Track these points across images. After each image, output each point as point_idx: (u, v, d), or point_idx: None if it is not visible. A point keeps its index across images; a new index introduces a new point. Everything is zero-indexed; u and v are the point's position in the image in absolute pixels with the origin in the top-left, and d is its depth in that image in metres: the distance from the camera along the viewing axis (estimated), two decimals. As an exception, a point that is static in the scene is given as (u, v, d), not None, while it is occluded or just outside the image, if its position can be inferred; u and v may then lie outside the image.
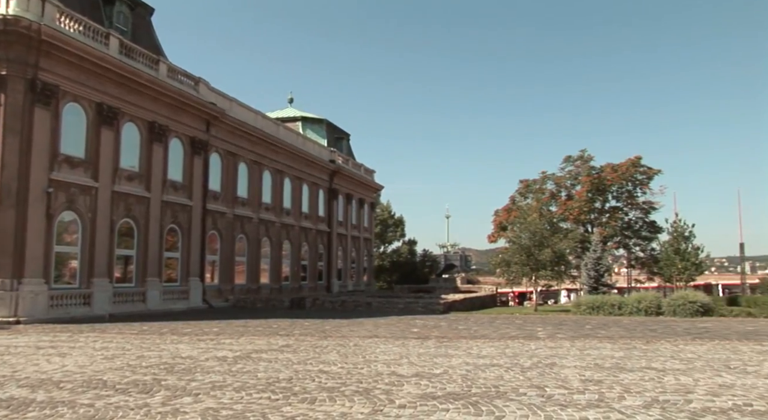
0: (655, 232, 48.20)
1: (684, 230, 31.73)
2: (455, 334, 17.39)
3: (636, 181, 49.91)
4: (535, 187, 51.60)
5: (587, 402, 7.62)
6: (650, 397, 7.96)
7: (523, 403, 7.52)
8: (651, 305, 25.53)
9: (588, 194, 48.41)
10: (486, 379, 9.34)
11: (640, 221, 50.56)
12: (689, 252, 31.32)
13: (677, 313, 24.66)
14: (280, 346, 13.85)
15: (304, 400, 7.77)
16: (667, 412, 7.08)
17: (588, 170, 49.61)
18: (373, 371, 10.18)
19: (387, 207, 67.55)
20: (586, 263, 32.93)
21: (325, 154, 44.61)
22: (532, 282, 32.45)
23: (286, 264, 39.09)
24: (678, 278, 31.49)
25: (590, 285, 31.90)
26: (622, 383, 8.99)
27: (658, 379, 9.40)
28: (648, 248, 49.58)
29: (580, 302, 28.27)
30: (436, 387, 8.69)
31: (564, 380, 9.25)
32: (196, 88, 29.81)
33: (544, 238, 30.87)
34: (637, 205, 50.47)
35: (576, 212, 47.68)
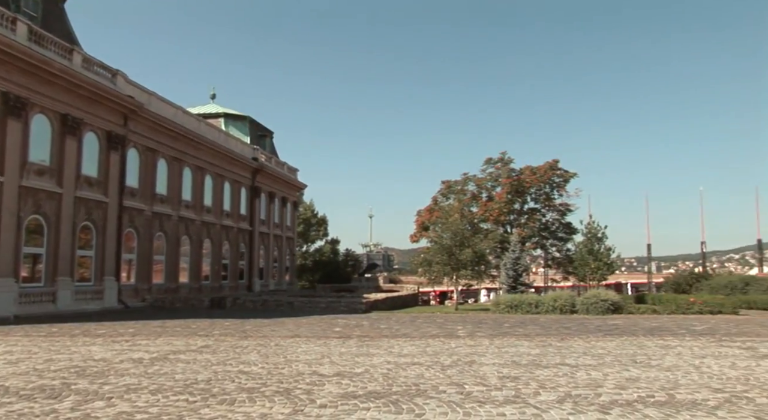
0: (571, 233, 49.95)
1: (597, 232, 32.97)
2: (377, 333, 17.48)
3: (553, 183, 51.62)
4: (456, 188, 52.54)
5: (504, 398, 7.82)
6: (563, 392, 8.25)
7: (443, 401, 7.64)
8: (566, 304, 26.39)
9: (508, 196, 49.71)
10: (407, 378, 9.43)
11: (557, 223, 52.34)
12: (602, 252, 32.56)
13: (590, 311, 25.62)
14: (199, 347, 13.53)
15: (223, 401, 7.62)
16: (579, 405, 7.35)
17: (508, 172, 50.94)
18: (294, 371, 10.10)
19: (310, 206, 67.17)
20: (505, 263, 33.78)
21: (247, 152, 43.93)
22: (453, 281, 32.99)
23: (207, 263, 38.25)
24: (591, 277, 32.69)
25: (509, 284, 32.75)
26: (537, 379, 9.27)
27: (571, 374, 9.76)
28: (564, 249, 51.35)
29: (499, 301, 28.95)
30: (357, 386, 8.71)
31: (483, 377, 9.46)
32: (113, 81, 28.73)
33: (465, 239, 31.44)
34: (554, 207, 52.24)
35: (496, 213, 48.87)
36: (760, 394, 8.08)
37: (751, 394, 8.09)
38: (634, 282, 66.61)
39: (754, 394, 8.04)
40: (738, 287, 33.25)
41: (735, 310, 25.88)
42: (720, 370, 10.12)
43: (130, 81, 30.26)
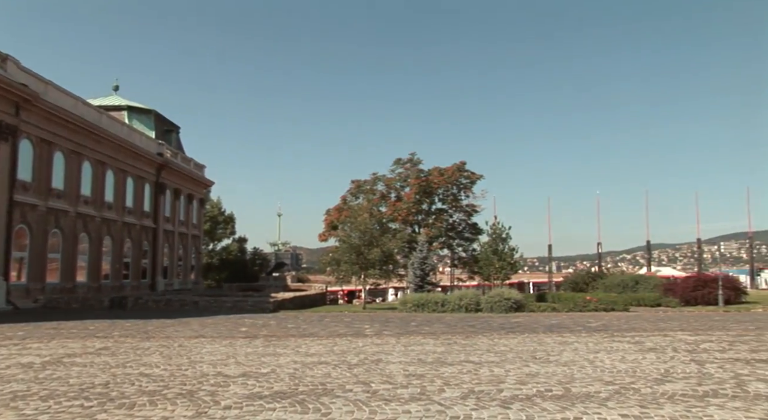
0: (476, 234, 51.23)
1: (502, 232, 33.92)
2: (284, 332, 17.32)
3: (460, 185, 52.80)
4: (366, 188, 52.81)
5: (410, 396, 7.94)
6: (467, 388, 8.48)
7: (350, 400, 7.67)
8: (471, 302, 27.03)
9: (416, 196, 50.43)
10: (314, 377, 9.41)
11: (463, 223, 53.57)
12: (506, 253, 33.52)
13: (494, 310, 26.37)
14: (97, 349, 12.97)
15: (122, 405, 7.34)
16: (482, 401, 7.58)
17: (417, 173, 51.67)
18: (198, 372, 9.87)
19: (217, 203, 65.62)
20: (412, 262, 34.22)
21: (152, 147, 42.42)
22: (361, 280, 33.14)
23: (107, 261, 36.65)
24: (495, 277, 33.61)
25: (416, 283, 33.19)
26: (442, 376, 9.47)
27: (475, 371, 10.03)
28: (469, 249, 52.59)
29: (406, 300, 29.29)
30: (264, 386, 8.61)
31: (389, 376, 9.57)
32: (3, 66, 27.02)
33: (373, 238, 31.66)
34: (461, 208, 53.44)
35: (404, 213, 49.47)
36: (644, 385, 8.61)
37: (637, 385, 8.61)
38: (536, 281, 69.08)
39: (639, 385, 8.56)
40: (629, 286, 35.16)
41: (626, 307, 27.36)
42: (611, 364, 10.69)
43: (23, 68, 28.54)
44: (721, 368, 10.12)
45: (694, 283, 31.14)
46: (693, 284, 30.85)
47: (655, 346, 13.34)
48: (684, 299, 29.45)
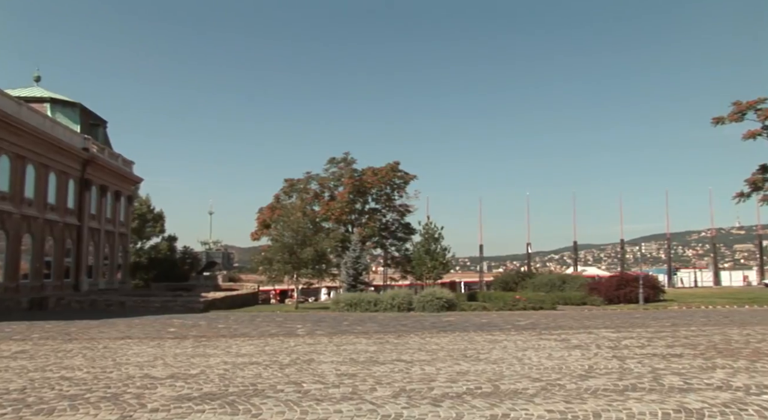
0: (409, 234, 51.60)
1: (434, 232, 34.28)
2: (214, 332, 17.02)
3: (394, 185, 53.07)
4: (299, 187, 52.43)
5: (342, 395, 7.94)
6: (399, 387, 8.54)
7: (281, 400, 7.61)
8: (403, 302, 27.24)
9: (350, 196, 50.40)
10: (244, 378, 9.28)
11: (397, 223, 53.86)
12: (438, 252, 33.89)
13: (426, 309, 26.65)
14: (13, 353, 12.40)
15: (39, 411, 7.04)
16: (413, 399, 7.65)
17: (350, 173, 51.64)
18: (124, 375, 9.58)
19: (146, 201, 63.74)
20: (345, 262, 34.20)
21: (77, 141, 40.79)
22: (293, 280, 32.91)
23: (26, 260, 35.02)
24: (428, 276, 33.95)
25: (349, 283, 33.19)
26: (374, 376, 9.51)
27: (406, 370, 10.12)
28: (402, 248, 52.93)
29: (339, 299, 29.27)
30: (192, 388, 8.43)
31: (321, 375, 9.54)
32: None
33: (306, 237, 31.49)
34: (394, 208, 53.72)
35: (338, 213, 49.36)
36: (569, 381, 8.89)
37: (562, 381, 8.88)
38: (467, 280, 70.10)
39: (565, 382, 8.83)
40: (556, 285, 36.18)
41: (554, 305, 28.15)
42: (539, 361, 10.98)
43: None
44: (640, 363, 10.56)
45: (617, 282, 32.33)
46: (616, 283, 32.02)
47: (580, 344, 13.79)
48: (608, 298, 30.52)
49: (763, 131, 52.71)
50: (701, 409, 6.94)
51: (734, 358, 11.18)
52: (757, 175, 54.18)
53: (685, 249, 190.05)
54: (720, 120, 54.11)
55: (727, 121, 53.68)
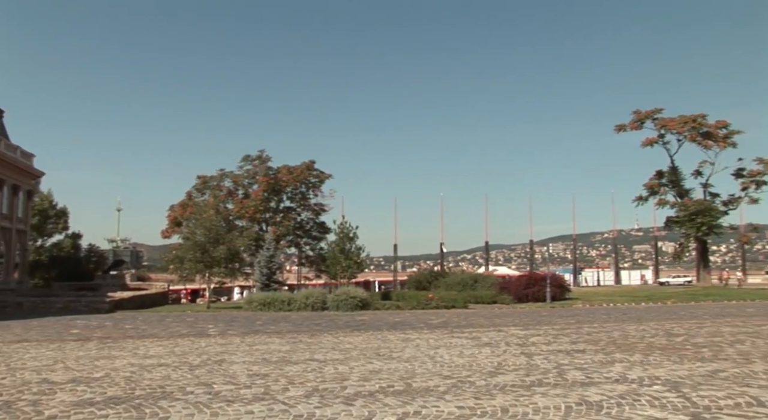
0: (324, 233, 51.51)
1: (349, 232, 34.36)
2: (121, 334, 16.42)
3: (309, 183, 52.85)
4: (213, 184, 51.32)
5: (253, 396, 7.83)
6: (311, 386, 8.51)
7: (190, 402, 7.42)
8: (317, 301, 27.18)
9: (264, 194, 49.78)
10: (152, 380, 9.00)
11: (311, 222, 53.66)
12: (353, 251, 34.00)
13: (340, 308, 26.69)
14: None
15: (-75, 419, 6.58)
16: (325, 399, 7.64)
17: (265, 171, 51.02)
18: (19, 380, 9.07)
19: (48, 196, 60.56)
20: (259, 261, 33.76)
21: (-30, 132, 38.31)
22: (205, 279, 32.18)
23: None
24: (342, 275, 34.00)
25: (263, 282, 32.79)
26: (287, 375, 9.43)
27: (320, 369, 10.09)
28: (317, 247, 52.77)
29: (252, 299, 28.89)
30: (96, 392, 8.10)
31: (232, 376, 9.38)
32: None
33: (219, 235, 30.89)
34: (309, 207, 53.52)
35: (252, 211, 48.66)
36: (479, 378, 9.12)
37: (473, 378, 9.10)
38: (381, 280, 70.64)
39: (475, 378, 9.06)
40: (468, 284, 37.04)
41: (465, 304, 28.81)
42: (450, 359, 11.21)
43: None
44: (546, 359, 10.97)
45: (526, 281, 33.46)
46: (525, 282, 33.14)
47: (490, 341, 14.18)
48: (517, 296, 31.53)
49: (660, 139, 56.10)
50: (600, 402, 7.29)
51: (631, 352, 11.80)
52: (654, 180, 57.55)
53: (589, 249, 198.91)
54: (622, 127, 57.15)
55: (628, 128, 56.77)
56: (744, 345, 12.81)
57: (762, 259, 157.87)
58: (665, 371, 9.50)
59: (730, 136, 54.20)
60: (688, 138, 54.59)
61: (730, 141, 54.05)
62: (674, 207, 55.80)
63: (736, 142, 54.11)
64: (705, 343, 13.14)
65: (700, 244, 55.28)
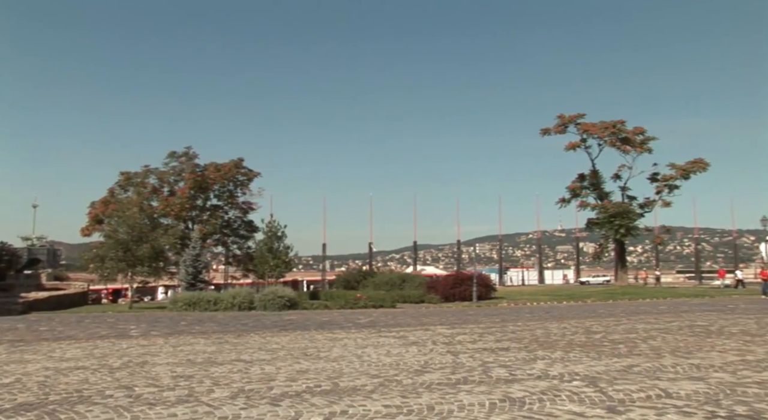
0: (252, 232, 50.79)
1: (277, 230, 34.04)
2: (35, 336, 15.71)
3: (237, 181, 52.01)
4: (136, 181, 49.73)
5: (177, 398, 7.65)
6: (237, 387, 8.38)
7: (109, 406, 7.18)
8: (244, 300, 26.80)
9: (191, 191, 48.64)
10: (68, 384, 8.66)
11: (239, 220, 52.82)
12: (281, 251, 33.71)
13: (267, 308, 26.39)
14: None
15: None
16: (251, 400, 7.54)
17: (192, 168, 49.85)
18: None
19: (-45, 191, 57.39)
20: (185, 260, 32.97)
21: None
22: (128, 278, 31.19)
23: None
24: (270, 275, 33.65)
25: (188, 281, 32.04)
26: (212, 377, 9.26)
27: (246, 370, 9.96)
28: (245, 246, 52.00)
29: (177, 299, 28.22)
30: (5, 399, 7.72)
31: (155, 378, 9.13)
32: None
33: (143, 234, 30.00)
34: (237, 205, 52.65)
35: (178, 209, 47.44)
36: (406, 376, 9.22)
37: (399, 377, 9.19)
38: (309, 279, 70.23)
39: (401, 377, 9.14)
40: (397, 284, 37.28)
41: (393, 304, 29.00)
42: (378, 358, 11.28)
43: None
44: (472, 358, 11.19)
45: (453, 281, 33.97)
46: (452, 282, 33.64)
47: (418, 340, 14.34)
48: (444, 296, 31.96)
49: (582, 143, 58.16)
50: (523, 398, 7.49)
51: (552, 349, 12.18)
52: (576, 183, 59.58)
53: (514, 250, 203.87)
54: (547, 131, 58.89)
55: (552, 132, 58.58)
56: (656, 341, 13.44)
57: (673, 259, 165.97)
58: (584, 367, 9.85)
59: (646, 142, 56.84)
60: (608, 143, 56.82)
61: (646, 147, 56.68)
62: (595, 209, 57.91)
63: (652, 148, 56.83)
64: (621, 340, 13.70)
65: (618, 245, 57.60)
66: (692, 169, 56.14)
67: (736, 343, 12.99)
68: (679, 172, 56.46)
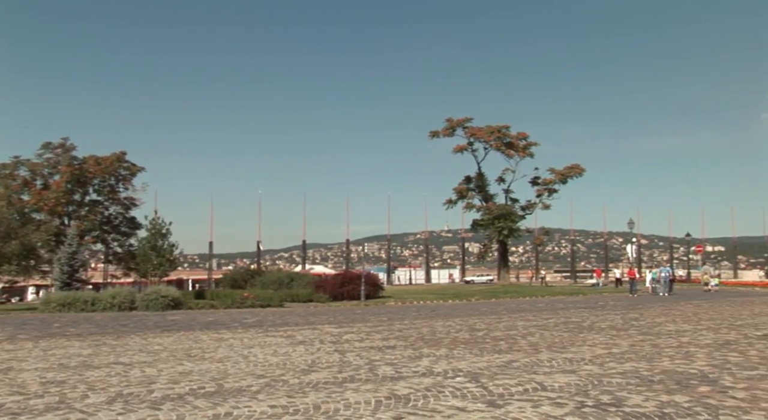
0: (135, 229, 48.80)
1: (162, 227, 32.89)
2: None
3: (119, 176, 49.70)
4: (5, 173, 46.29)
5: (46, 406, 7.20)
6: (115, 392, 8.01)
7: (-32, 416, 6.65)
8: (125, 300, 25.70)
9: (67, 185, 45.90)
10: None
11: (121, 216, 50.51)
12: (165, 248, 32.60)
13: (150, 308, 25.42)
14: None
15: None
16: (130, 404, 7.23)
17: (69, 160, 47.08)
18: None
19: None
20: (59, 258, 31.10)
21: None
22: (-7, 278, 29.06)
23: None
24: (153, 274, 32.44)
25: (63, 281, 30.25)
26: (87, 381, 8.80)
27: (125, 373, 9.53)
28: (126, 244, 49.83)
29: (49, 299, 26.56)
30: None
31: (21, 385, 8.55)
32: None
33: (11, 229, 28.11)
34: (119, 201, 50.29)
35: (52, 203, 44.63)
36: (293, 376, 9.16)
37: (286, 376, 9.12)
38: (195, 278, 68.34)
39: (288, 377, 9.08)
40: (285, 283, 36.95)
41: (281, 303, 28.72)
42: (264, 358, 11.13)
43: None
44: (359, 356, 11.28)
45: (341, 280, 34.11)
46: (341, 281, 33.77)
47: (305, 339, 14.29)
48: (332, 295, 32.02)
49: (469, 146, 60.16)
50: (408, 395, 7.64)
51: (437, 347, 12.51)
52: (462, 185, 61.55)
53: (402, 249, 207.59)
54: (435, 134, 60.42)
55: (441, 135, 60.17)
56: (534, 337, 14.12)
57: (552, 259, 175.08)
58: (467, 364, 10.19)
59: (529, 146, 59.67)
60: (493, 146, 59.10)
61: (529, 151, 59.51)
62: (480, 210, 60.07)
63: (534, 152, 59.73)
64: (502, 337, 14.29)
65: (502, 245, 60.04)
66: (570, 174, 59.50)
67: (604, 337, 13.89)
68: (558, 176, 59.66)
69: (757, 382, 8.21)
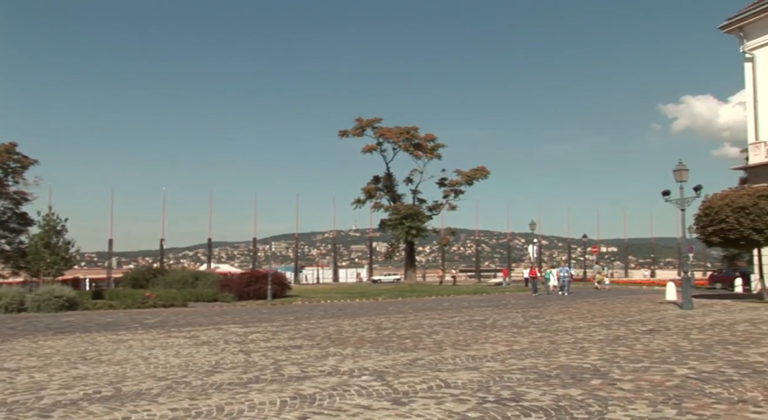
0: (26, 225, 46.20)
1: (56, 224, 31.25)
2: None
3: (9, 168, 46.84)
4: None
5: None
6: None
7: None
8: (13, 301, 24.29)
9: (-51, 177, 42.81)
10: None
11: (10, 212, 47.62)
12: (60, 246, 30.99)
13: (42, 309, 24.13)
14: None
15: None
16: (15, 413, 6.81)
17: (-48, 151, 43.91)
18: None
19: None
20: (-61, 255, 28.96)
21: None
22: None
23: None
24: (46, 273, 30.76)
25: (-58, 280, 28.19)
26: (-32, 388, 8.22)
27: (10, 379, 8.98)
28: (16, 241, 47.07)
29: None
30: None
31: None
32: None
33: None
34: (8, 195, 47.38)
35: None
36: (196, 377, 8.92)
37: (189, 378, 8.87)
38: (93, 277, 65.28)
39: (191, 379, 8.83)
40: (189, 282, 35.94)
41: (185, 302, 27.94)
42: (166, 360, 10.78)
43: None
44: (264, 356, 11.13)
45: (248, 279, 33.57)
46: (247, 280, 33.21)
47: (209, 340, 13.95)
48: (239, 294, 31.44)
49: (378, 147, 60.68)
50: (314, 394, 7.61)
51: (344, 346, 12.53)
52: (371, 184, 62.04)
53: (310, 248, 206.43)
54: (345, 133, 60.56)
55: (350, 134, 60.35)
56: (439, 335, 14.40)
57: (457, 258, 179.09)
58: (373, 362, 10.26)
59: (436, 148, 60.92)
60: (402, 147, 59.91)
61: (436, 153, 60.75)
62: (388, 210, 60.71)
63: (441, 154, 61.03)
64: (408, 335, 14.48)
65: (409, 245, 60.91)
66: (475, 176, 61.16)
67: (506, 335, 14.35)
68: (464, 178, 61.20)
69: (642, 374, 8.73)
